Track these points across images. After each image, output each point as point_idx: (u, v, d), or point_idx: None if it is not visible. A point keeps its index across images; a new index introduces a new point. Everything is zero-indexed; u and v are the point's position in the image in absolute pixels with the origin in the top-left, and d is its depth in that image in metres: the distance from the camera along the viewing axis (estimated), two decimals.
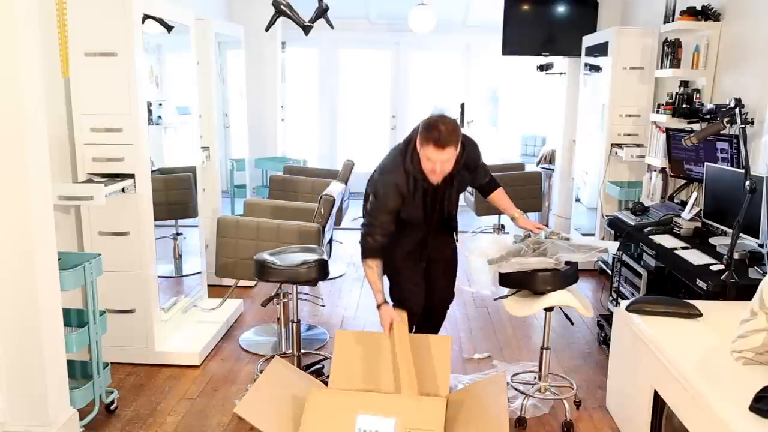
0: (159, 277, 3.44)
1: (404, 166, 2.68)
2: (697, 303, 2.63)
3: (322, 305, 4.48)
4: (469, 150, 2.77)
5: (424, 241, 2.93)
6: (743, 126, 2.97)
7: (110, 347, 3.22)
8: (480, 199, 5.07)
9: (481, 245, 2.95)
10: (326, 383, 2.51)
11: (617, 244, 3.20)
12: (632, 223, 3.72)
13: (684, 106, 4.06)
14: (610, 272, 4.35)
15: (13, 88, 2.27)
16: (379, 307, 2.71)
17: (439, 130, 2.48)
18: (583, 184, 5.75)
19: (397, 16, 7.27)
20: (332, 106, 8.59)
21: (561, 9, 5.96)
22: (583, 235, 5.47)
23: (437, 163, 2.54)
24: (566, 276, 2.81)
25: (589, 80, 5.65)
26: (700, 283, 2.82)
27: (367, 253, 2.75)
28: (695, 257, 3.05)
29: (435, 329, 3.22)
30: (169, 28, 3.63)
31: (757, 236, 2.92)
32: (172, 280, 4.34)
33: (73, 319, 2.82)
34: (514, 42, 6.04)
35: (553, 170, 6.69)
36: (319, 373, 3.30)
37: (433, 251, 3.01)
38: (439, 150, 2.50)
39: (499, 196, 3.09)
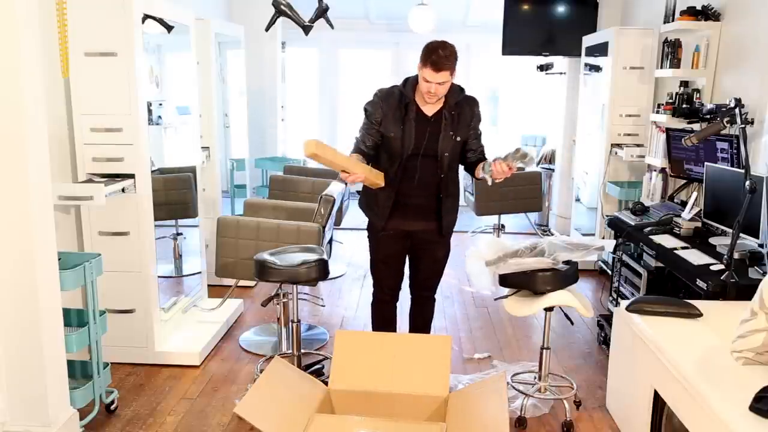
0: (159, 277, 3.44)
1: (397, 86, 2.91)
2: (697, 303, 2.63)
3: (322, 305, 4.48)
4: (472, 102, 2.97)
5: (415, 186, 2.88)
6: (743, 126, 2.97)
7: (110, 347, 3.22)
8: (480, 199, 5.07)
9: (478, 248, 2.95)
10: (326, 383, 2.51)
11: (614, 242, 3.19)
12: (632, 223, 3.72)
13: (684, 106, 4.06)
14: (610, 272, 4.35)
15: (13, 88, 2.27)
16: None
17: (438, 54, 2.70)
18: (583, 184, 5.75)
19: (397, 16, 7.28)
20: (332, 106, 8.59)
21: (561, 9, 5.96)
22: (584, 235, 5.47)
23: (432, 84, 2.73)
24: (566, 276, 2.81)
25: (589, 80, 5.65)
26: (700, 283, 2.82)
27: (354, 151, 2.91)
28: (695, 257, 3.05)
29: (424, 327, 3.23)
30: (169, 28, 3.63)
31: (757, 236, 2.92)
32: (172, 280, 4.34)
33: (73, 319, 2.82)
34: (514, 42, 6.04)
35: (553, 170, 6.69)
36: (319, 373, 3.30)
37: (423, 244, 3.00)
38: (435, 72, 2.70)
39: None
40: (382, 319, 3.18)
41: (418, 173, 2.88)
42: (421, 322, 3.24)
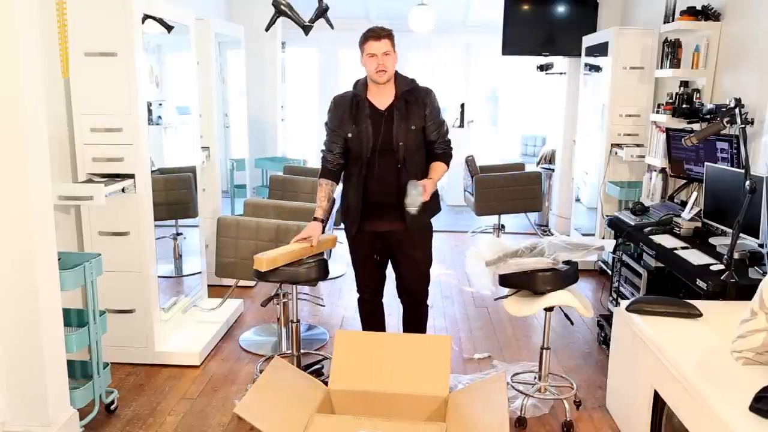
0: (159, 277, 3.44)
1: (351, 90, 3.01)
2: (697, 303, 2.63)
3: (322, 305, 4.48)
4: (424, 92, 2.95)
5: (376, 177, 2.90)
6: (743, 126, 2.97)
7: (110, 347, 3.22)
8: (480, 199, 5.07)
9: (478, 248, 2.94)
10: (326, 383, 2.51)
11: (614, 242, 3.19)
12: (632, 223, 3.72)
13: (684, 106, 4.06)
14: (610, 272, 4.35)
15: (13, 88, 2.27)
16: (313, 219, 2.98)
17: (373, 29, 2.83)
18: (583, 184, 5.75)
19: (397, 16, 7.28)
20: None
21: (561, 9, 5.96)
22: (584, 235, 5.47)
23: (378, 56, 2.79)
24: (566, 276, 2.81)
25: (589, 80, 5.65)
26: (700, 283, 2.82)
27: (320, 173, 3.04)
28: (695, 257, 3.05)
29: (419, 330, 3.21)
30: (169, 28, 3.63)
31: (757, 236, 2.92)
32: (172, 280, 4.34)
33: (73, 319, 2.82)
34: (514, 42, 6.04)
35: (553, 170, 6.69)
36: (319, 373, 3.30)
37: (400, 240, 2.97)
38: (376, 41, 2.80)
39: (432, 167, 2.95)
40: (368, 316, 3.21)
41: (378, 169, 2.88)
42: (411, 333, 3.18)
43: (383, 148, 2.87)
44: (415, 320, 3.19)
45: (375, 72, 2.82)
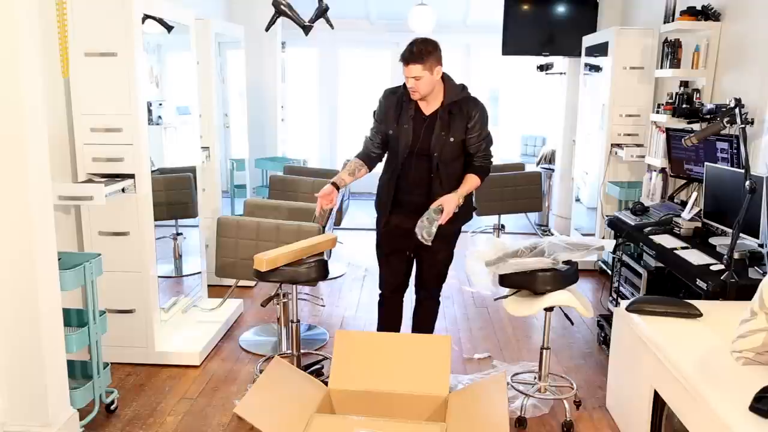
0: (159, 277, 3.44)
1: (401, 86, 2.94)
2: (697, 303, 2.63)
3: (322, 305, 4.48)
4: (471, 103, 2.93)
5: (411, 177, 2.93)
6: (743, 126, 2.97)
7: (110, 347, 3.22)
8: (480, 199, 5.07)
9: (478, 248, 2.94)
10: (326, 383, 2.51)
11: (614, 242, 3.18)
12: (632, 223, 3.72)
13: (684, 106, 4.06)
14: (610, 272, 4.35)
15: (13, 88, 2.27)
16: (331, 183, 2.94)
17: (409, 49, 2.75)
18: (583, 184, 5.75)
19: (397, 16, 7.28)
20: (332, 106, 8.59)
21: (561, 9, 5.96)
22: (584, 235, 5.47)
23: (409, 79, 2.77)
24: (566, 276, 2.81)
25: (589, 80, 5.65)
26: (700, 283, 2.82)
27: (358, 153, 3.07)
28: (695, 257, 3.05)
29: (427, 327, 3.22)
30: (169, 28, 3.63)
31: (757, 236, 2.92)
32: (172, 280, 4.34)
33: (73, 319, 2.82)
34: (514, 42, 6.04)
35: (553, 170, 6.69)
36: (319, 373, 3.30)
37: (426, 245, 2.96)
38: (404, 65, 2.76)
39: (464, 178, 2.94)
40: (384, 314, 3.22)
41: (413, 171, 2.92)
42: (421, 324, 3.23)
43: (420, 152, 2.89)
44: (425, 311, 3.22)
45: (409, 89, 2.83)
